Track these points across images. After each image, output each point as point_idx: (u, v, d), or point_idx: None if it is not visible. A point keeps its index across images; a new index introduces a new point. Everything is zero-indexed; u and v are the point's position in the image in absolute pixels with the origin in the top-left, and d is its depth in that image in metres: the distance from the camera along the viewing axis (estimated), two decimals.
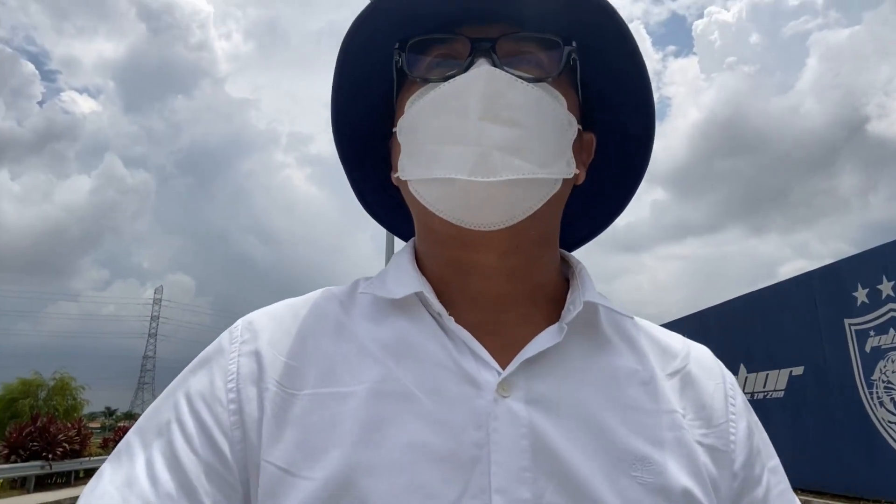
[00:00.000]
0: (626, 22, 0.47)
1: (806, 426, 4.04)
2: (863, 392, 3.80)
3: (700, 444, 0.47)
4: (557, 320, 0.48)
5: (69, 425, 8.44)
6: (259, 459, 0.42)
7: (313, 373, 0.44)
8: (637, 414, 0.45)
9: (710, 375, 0.51)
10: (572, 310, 0.47)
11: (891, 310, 3.69)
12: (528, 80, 0.44)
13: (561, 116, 0.46)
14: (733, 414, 0.50)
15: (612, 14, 0.46)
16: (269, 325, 0.47)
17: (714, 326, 5.05)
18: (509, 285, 0.48)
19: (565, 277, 0.53)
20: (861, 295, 3.87)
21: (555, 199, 0.47)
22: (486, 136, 0.42)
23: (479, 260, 0.47)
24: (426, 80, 0.46)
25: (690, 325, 5.33)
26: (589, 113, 0.53)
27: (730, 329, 4.88)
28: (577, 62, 0.48)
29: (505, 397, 0.43)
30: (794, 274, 3.81)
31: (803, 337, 4.11)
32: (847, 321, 3.94)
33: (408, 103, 0.47)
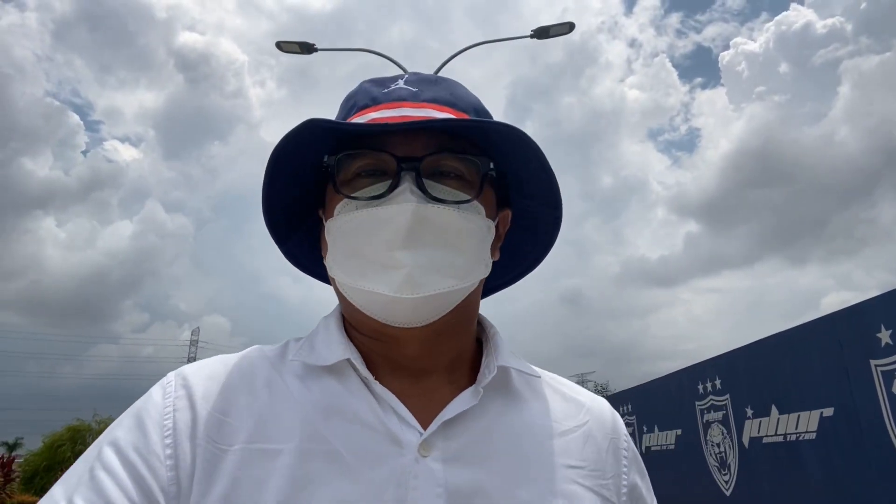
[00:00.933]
0: (535, 142, 0.50)
1: (837, 468, 4.03)
2: (892, 433, 3.79)
3: (597, 494, 0.51)
4: (474, 382, 0.52)
5: None
6: None
7: (244, 428, 0.45)
8: (543, 468, 0.49)
9: (606, 430, 0.56)
10: (487, 374, 0.51)
11: None
12: (451, 205, 0.48)
13: (482, 228, 0.50)
14: (625, 467, 0.55)
15: (530, 145, 0.50)
16: (201, 380, 0.48)
17: (743, 368, 5.06)
18: (430, 360, 0.52)
19: (480, 340, 0.58)
20: (885, 336, 3.90)
21: (474, 293, 0.52)
22: (410, 259, 0.46)
23: (402, 348, 0.51)
24: (353, 198, 0.49)
25: (719, 367, 5.35)
26: (506, 195, 0.58)
27: (759, 370, 4.89)
28: (495, 174, 0.52)
29: (425, 457, 0.46)
30: (840, 305, 3.87)
31: (831, 378, 4.14)
32: (873, 362, 3.96)
33: (336, 209, 0.50)
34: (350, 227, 0.49)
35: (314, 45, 6.25)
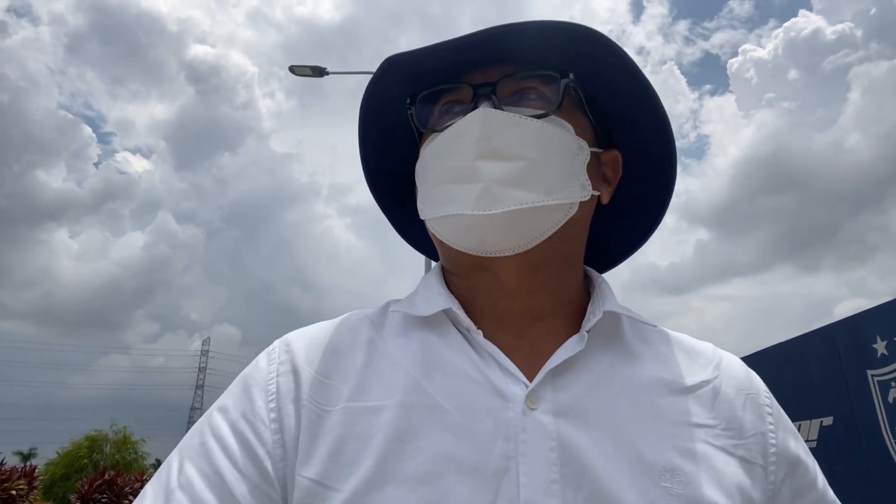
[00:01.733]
0: (624, 49, 0.49)
1: (837, 476, 4.12)
2: (889, 441, 3.87)
3: (731, 455, 0.46)
4: None
5: (133, 478, 8.93)
6: (295, 475, 0.43)
7: (346, 388, 0.46)
8: (665, 425, 0.45)
9: (741, 386, 0.51)
10: (591, 318, 0.49)
11: None
12: (527, 116, 0.46)
13: (568, 143, 0.47)
14: (771, 425, 0.49)
15: (606, 43, 0.48)
16: (304, 345, 0.49)
17: None
18: (532, 302, 0.50)
19: (589, 293, 0.54)
20: (880, 347, 3.99)
21: (573, 222, 0.48)
22: (485, 172, 0.44)
23: (498, 281, 0.49)
24: (434, 131, 0.49)
25: None
26: (610, 133, 0.55)
27: (763, 379, 4.97)
28: (579, 90, 0.50)
29: (533, 409, 0.43)
30: (852, 312, 3.99)
31: (831, 387, 4.23)
32: (869, 372, 4.05)
33: (422, 149, 0.51)
34: (430, 156, 0.48)
35: (325, 68, 6.56)
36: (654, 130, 0.53)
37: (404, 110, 0.52)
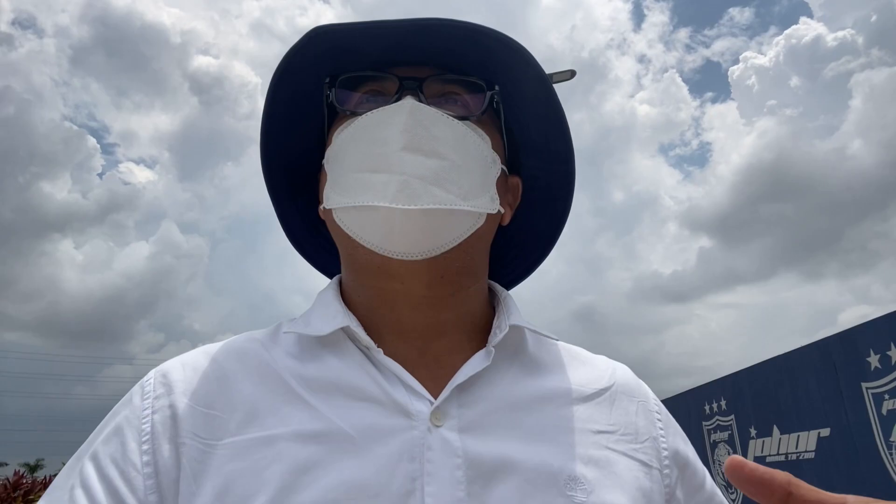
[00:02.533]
0: (545, 73, 0.49)
1: (835, 486, 4.24)
2: (883, 453, 3.99)
3: (632, 458, 0.46)
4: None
5: None
6: None
7: (235, 419, 0.42)
8: (568, 434, 0.45)
9: (633, 393, 0.52)
10: (498, 333, 0.47)
11: None
12: (453, 116, 0.45)
13: (485, 153, 0.47)
14: (661, 429, 0.51)
15: (532, 63, 0.48)
16: (183, 375, 0.45)
17: (747, 389, 5.28)
18: (436, 315, 0.48)
19: (493, 307, 0.53)
20: (874, 360, 4.12)
21: (480, 233, 0.47)
22: (407, 165, 0.42)
23: (405, 290, 0.47)
24: (355, 114, 0.47)
25: (725, 388, 5.56)
26: (515, 159, 0.54)
27: (762, 392, 5.12)
28: (500, 106, 0.50)
29: (438, 427, 0.42)
30: (858, 320, 4.13)
31: (827, 399, 4.36)
32: (864, 385, 4.17)
33: (335, 134, 0.48)
34: (347, 139, 0.46)
35: None
36: (560, 161, 0.54)
37: (315, 93, 0.50)
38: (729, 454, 5.49)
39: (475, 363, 0.46)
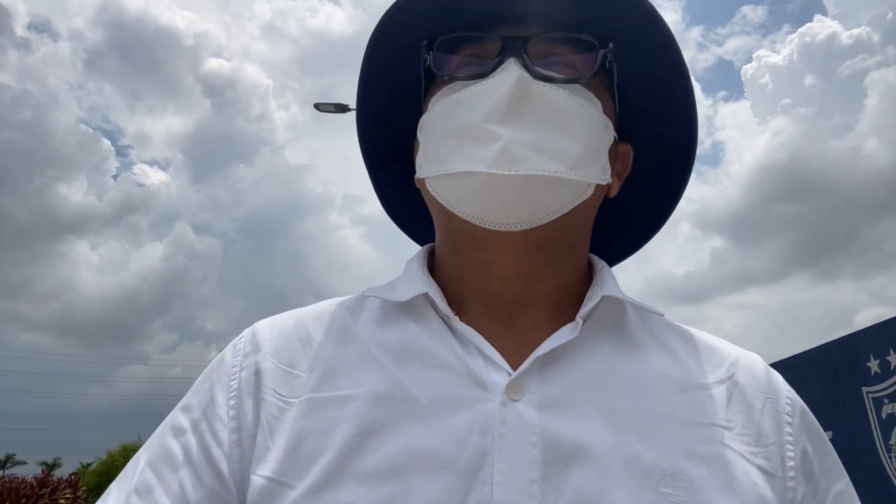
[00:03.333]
0: (671, 30, 0.44)
1: None
2: (883, 455, 4.08)
3: (750, 462, 0.41)
4: None
5: None
6: (250, 474, 0.40)
7: (312, 378, 0.43)
8: (669, 423, 0.41)
9: (761, 388, 0.45)
10: (588, 304, 0.44)
11: None
12: (559, 82, 0.42)
13: (596, 119, 0.43)
14: (790, 434, 0.43)
15: (656, 19, 0.44)
16: (271, 334, 0.46)
17: None
18: (527, 288, 0.45)
19: (591, 280, 0.49)
20: (874, 365, 4.21)
21: (584, 205, 0.44)
22: (509, 132, 0.40)
23: (498, 261, 0.45)
24: (454, 79, 0.44)
25: None
26: (626, 124, 0.50)
27: None
28: (614, 66, 0.46)
29: (515, 401, 0.39)
30: (874, 321, 4.22)
31: (829, 403, 4.46)
32: (864, 389, 4.26)
33: (432, 101, 0.45)
34: (445, 108, 0.43)
35: (348, 105, 7.03)
36: (681, 127, 0.49)
37: (413, 58, 0.47)
38: None
39: (560, 335, 0.43)
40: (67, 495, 5.40)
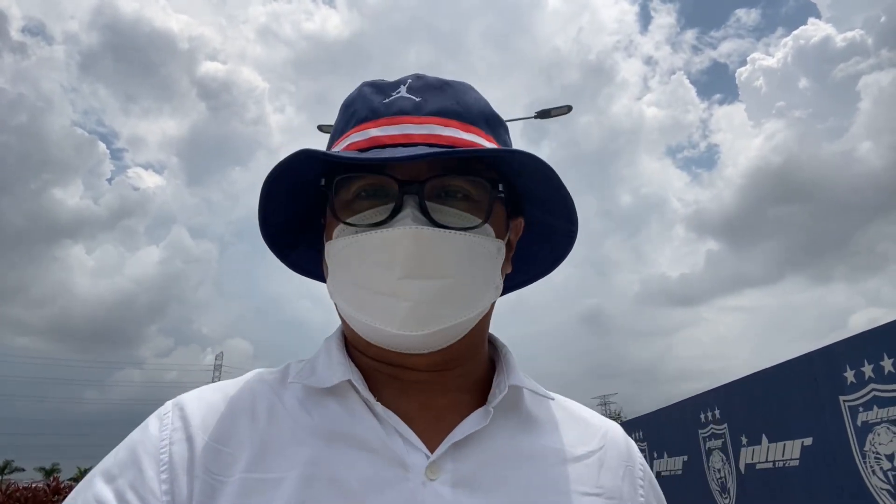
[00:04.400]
0: (553, 168, 0.47)
1: (816, 494, 4.54)
2: (859, 462, 4.29)
3: None
4: (485, 403, 0.49)
5: None
6: None
7: (244, 457, 0.44)
8: (557, 494, 0.47)
9: (621, 456, 0.54)
10: (498, 394, 0.49)
11: (873, 389, 4.23)
12: (457, 230, 0.45)
13: (492, 251, 0.48)
14: (642, 496, 0.53)
15: (541, 166, 0.47)
16: (199, 409, 0.47)
17: (738, 400, 5.53)
18: (439, 378, 0.50)
19: (492, 359, 0.55)
20: (850, 375, 4.43)
21: (485, 315, 0.50)
22: (414, 292, 0.43)
23: (408, 371, 0.50)
24: (350, 224, 0.47)
25: (718, 397, 5.82)
26: (517, 203, 0.54)
27: (752, 402, 5.36)
28: (504, 195, 0.49)
29: (433, 480, 0.44)
30: (869, 323, 4.41)
31: (810, 410, 4.65)
32: (841, 398, 4.48)
33: (335, 232, 0.48)
34: (348, 254, 0.46)
35: None
36: (563, 220, 0.54)
37: (316, 171, 0.49)
38: (723, 461, 5.76)
39: (473, 421, 0.47)
40: None
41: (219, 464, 0.43)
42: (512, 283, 0.61)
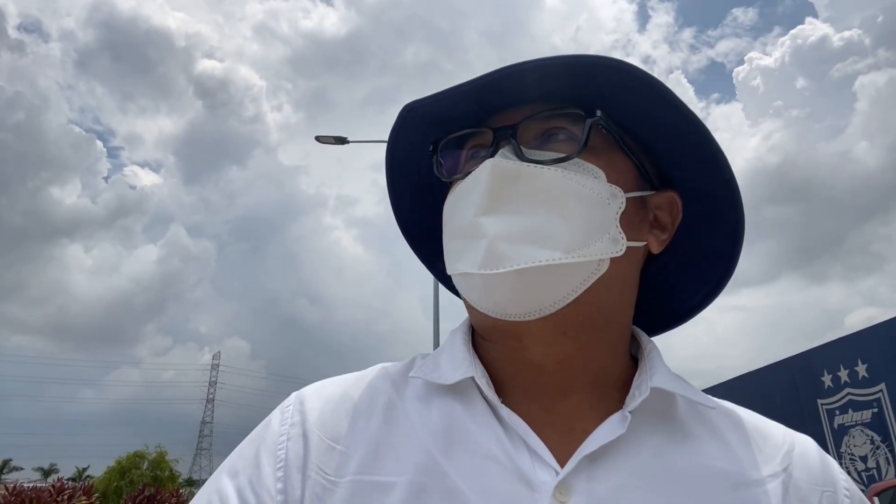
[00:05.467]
0: (657, 77, 0.42)
1: None
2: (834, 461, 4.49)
3: None
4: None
5: (169, 493, 9.59)
6: None
7: (357, 456, 0.42)
8: None
9: (816, 480, 0.43)
10: (637, 396, 0.42)
11: (848, 393, 4.37)
12: (545, 163, 0.42)
13: (595, 192, 0.42)
14: None
15: (635, 72, 0.42)
16: (318, 404, 0.46)
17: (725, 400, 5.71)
18: (563, 374, 0.44)
19: (635, 358, 0.48)
20: (827, 380, 4.60)
21: (605, 282, 0.42)
22: (491, 227, 0.40)
23: (523, 348, 0.44)
24: (452, 181, 0.46)
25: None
26: (663, 172, 0.48)
27: (738, 403, 5.54)
28: (613, 128, 0.44)
29: (563, 503, 0.38)
30: (866, 322, 4.49)
31: (790, 411, 4.83)
32: (819, 401, 4.65)
33: (446, 202, 0.47)
34: (447, 209, 0.46)
35: (346, 137, 7.46)
36: (709, 167, 0.46)
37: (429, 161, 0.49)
38: None
39: (608, 430, 0.41)
40: (83, 501, 5.69)
41: (332, 463, 0.42)
42: (698, 297, 0.52)
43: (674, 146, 0.46)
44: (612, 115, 0.44)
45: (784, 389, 4.74)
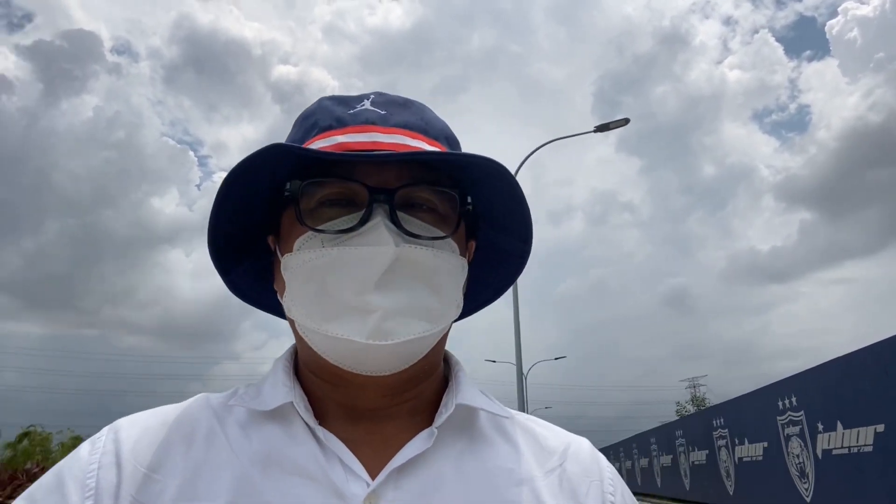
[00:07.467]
0: (518, 182, 0.47)
1: (889, 479, 4.65)
2: None
3: None
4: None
5: None
6: None
7: (173, 485, 0.42)
8: None
9: (586, 472, 0.50)
10: (444, 412, 0.47)
11: None
12: (426, 241, 0.45)
13: (455, 266, 0.47)
14: None
15: (506, 176, 0.47)
16: (134, 434, 0.46)
17: (813, 387, 5.58)
18: (391, 402, 0.48)
19: (446, 378, 0.52)
20: None
21: (444, 336, 0.49)
22: (384, 302, 0.42)
23: (364, 393, 0.47)
24: (319, 231, 0.45)
25: (795, 385, 5.78)
26: (474, 225, 0.53)
27: (827, 389, 5.44)
28: (471, 212, 0.49)
29: None
30: None
31: (881, 398, 4.73)
32: None
33: (297, 243, 0.46)
34: (316, 266, 0.44)
35: None
36: (519, 240, 0.54)
37: (275, 177, 0.47)
38: (801, 447, 5.86)
39: (416, 445, 0.45)
40: None
41: (148, 492, 0.42)
42: (472, 305, 0.59)
43: (500, 216, 0.53)
44: (465, 190, 0.49)
45: (875, 374, 4.63)
